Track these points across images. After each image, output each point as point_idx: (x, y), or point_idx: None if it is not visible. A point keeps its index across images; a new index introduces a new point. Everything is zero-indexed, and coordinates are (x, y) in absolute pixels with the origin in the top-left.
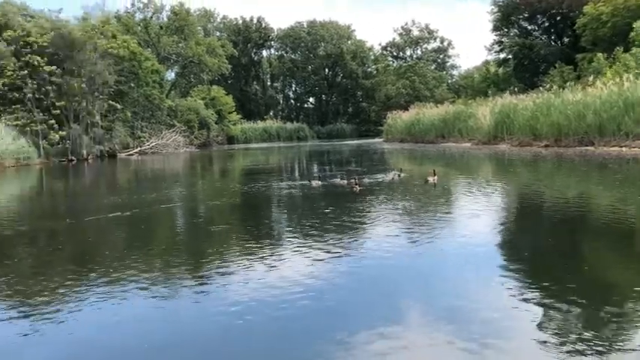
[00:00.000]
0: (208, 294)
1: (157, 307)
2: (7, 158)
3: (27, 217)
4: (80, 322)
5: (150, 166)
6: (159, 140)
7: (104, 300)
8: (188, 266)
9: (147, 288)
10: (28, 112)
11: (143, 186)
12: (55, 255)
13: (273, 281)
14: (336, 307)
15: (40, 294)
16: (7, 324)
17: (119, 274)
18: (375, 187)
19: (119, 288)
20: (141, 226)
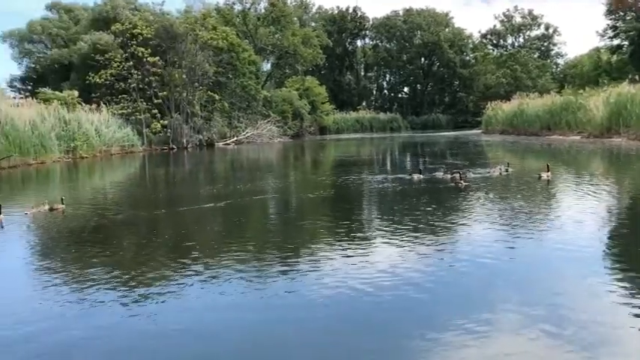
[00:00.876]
0: (299, 282)
1: (250, 294)
2: (113, 145)
3: (126, 205)
4: (181, 305)
5: (245, 156)
6: (254, 130)
7: (203, 285)
8: (280, 257)
9: (241, 276)
10: (133, 102)
11: (238, 176)
12: (154, 243)
13: (361, 274)
14: (422, 307)
15: (144, 278)
16: (114, 304)
17: (215, 263)
18: (481, 182)
19: (215, 275)
20: (234, 218)
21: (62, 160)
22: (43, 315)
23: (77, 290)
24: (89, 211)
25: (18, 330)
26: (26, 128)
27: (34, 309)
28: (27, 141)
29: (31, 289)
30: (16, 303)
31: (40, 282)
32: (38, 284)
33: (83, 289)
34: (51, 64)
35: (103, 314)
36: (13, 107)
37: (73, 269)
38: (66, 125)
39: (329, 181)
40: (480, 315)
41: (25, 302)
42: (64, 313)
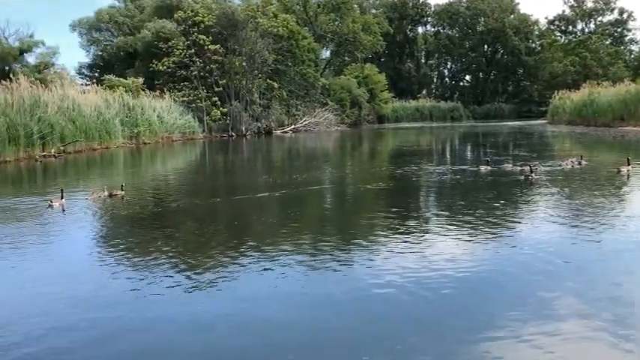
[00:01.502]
0: (354, 271)
1: (305, 285)
2: (175, 132)
3: (183, 192)
4: (236, 294)
5: (302, 144)
6: (312, 118)
7: (257, 276)
8: (337, 249)
9: (296, 267)
10: (194, 90)
11: (294, 165)
12: (208, 233)
13: (415, 266)
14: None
15: (199, 267)
16: (170, 292)
17: (270, 253)
18: (553, 175)
19: (270, 267)
20: (290, 208)
21: (126, 146)
22: (103, 299)
23: (134, 277)
24: (147, 198)
25: (79, 314)
26: (92, 114)
27: (94, 293)
28: (92, 126)
29: (89, 273)
30: (75, 287)
31: (98, 267)
32: (96, 268)
33: (139, 276)
34: (117, 52)
35: (160, 301)
36: (80, 94)
37: (130, 255)
38: (130, 112)
39: (388, 171)
40: (543, 320)
41: (84, 286)
42: (121, 299)
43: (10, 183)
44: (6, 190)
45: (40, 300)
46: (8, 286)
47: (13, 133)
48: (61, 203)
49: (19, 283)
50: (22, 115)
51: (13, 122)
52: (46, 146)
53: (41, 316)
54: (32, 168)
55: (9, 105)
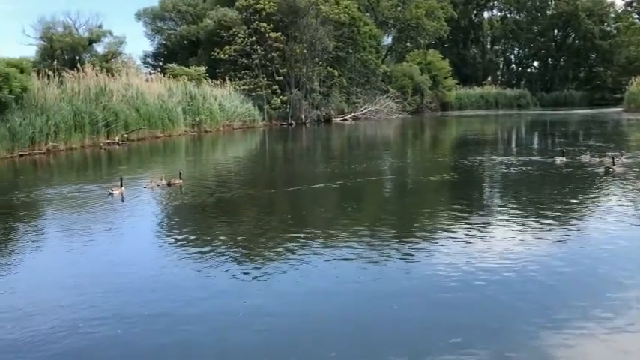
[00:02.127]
0: (413, 262)
1: (363, 278)
2: (235, 120)
3: (240, 182)
4: (302, 277)
5: (362, 133)
6: (372, 106)
7: (314, 267)
8: (395, 241)
9: (352, 260)
10: (255, 78)
11: (353, 154)
12: (260, 225)
13: (474, 260)
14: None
15: (260, 253)
16: (235, 274)
17: (324, 246)
18: (637, 168)
19: (332, 252)
20: (346, 201)
21: (187, 134)
22: (162, 286)
23: (191, 267)
24: (204, 188)
25: (143, 296)
26: (155, 102)
27: (155, 280)
28: (155, 114)
29: (149, 260)
30: (136, 273)
31: (156, 254)
32: (154, 256)
33: (195, 267)
34: (180, 41)
35: (218, 291)
36: (145, 82)
37: (185, 244)
38: (192, 100)
39: (452, 162)
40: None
41: (145, 272)
42: (180, 285)
43: (75, 170)
44: (70, 177)
45: (109, 283)
46: (78, 271)
47: (79, 121)
48: (120, 192)
49: (89, 268)
50: (87, 104)
51: (79, 110)
52: (111, 134)
53: (113, 297)
54: (97, 155)
55: (76, 94)
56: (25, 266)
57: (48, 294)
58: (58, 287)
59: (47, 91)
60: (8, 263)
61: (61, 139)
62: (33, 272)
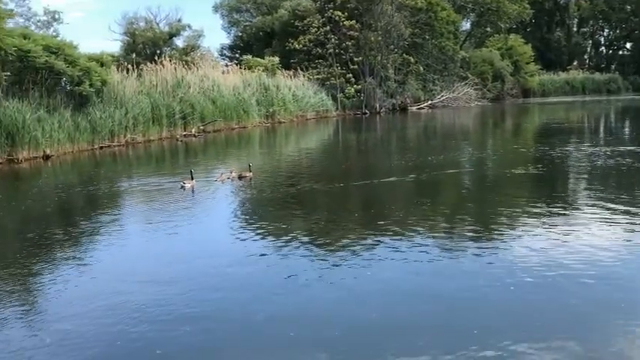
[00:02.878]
0: (491, 256)
1: (437, 263)
2: (309, 110)
3: (309, 175)
4: (372, 277)
5: (439, 121)
6: (450, 93)
7: (389, 262)
8: (471, 239)
9: (428, 247)
10: (329, 67)
11: (430, 145)
12: (332, 217)
13: (556, 255)
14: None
15: (338, 242)
16: (309, 262)
17: (402, 235)
18: None
19: (405, 245)
20: (419, 196)
21: (261, 125)
22: (236, 282)
23: (265, 260)
24: (272, 181)
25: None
26: (230, 94)
27: (224, 273)
28: (231, 106)
29: (221, 254)
30: (209, 266)
31: (225, 249)
32: (222, 251)
33: (268, 262)
34: (255, 32)
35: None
36: (221, 74)
37: (255, 238)
38: (266, 91)
39: (536, 152)
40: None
41: (215, 266)
42: (257, 282)
43: (151, 162)
44: (146, 169)
45: (184, 274)
46: (153, 262)
47: (156, 114)
48: (192, 185)
49: (164, 260)
50: (165, 96)
51: (156, 103)
52: (187, 126)
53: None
54: (173, 147)
55: (153, 86)
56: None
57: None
58: (142, 275)
59: (126, 84)
60: (86, 256)
61: (139, 132)
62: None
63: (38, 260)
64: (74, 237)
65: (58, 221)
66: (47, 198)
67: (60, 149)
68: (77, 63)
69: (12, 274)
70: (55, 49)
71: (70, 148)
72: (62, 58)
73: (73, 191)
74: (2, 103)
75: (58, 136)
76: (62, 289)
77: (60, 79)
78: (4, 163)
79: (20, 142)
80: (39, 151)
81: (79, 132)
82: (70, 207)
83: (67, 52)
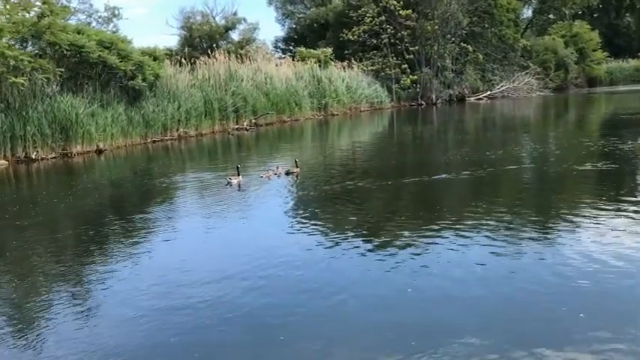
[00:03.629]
0: (550, 254)
1: (495, 260)
2: (363, 102)
3: (357, 172)
4: (427, 261)
5: (498, 113)
6: (510, 83)
7: (448, 249)
8: (531, 230)
9: (488, 243)
10: (383, 58)
11: (487, 138)
12: (375, 219)
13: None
14: None
15: (389, 236)
16: (363, 253)
17: (459, 230)
18: None
19: (461, 241)
20: (470, 199)
21: (314, 117)
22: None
23: (317, 252)
24: (321, 177)
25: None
26: (283, 86)
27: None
28: (283, 99)
29: (271, 250)
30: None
31: (271, 246)
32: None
33: (322, 254)
34: (309, 24)
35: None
36: (274, 67)
37: (305, 235)
38: (318, 83)
39: (604, 147)
40: None
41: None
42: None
43: (202, 156)
44: (196, 163)
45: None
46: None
47: (209, 107)
48: (238, 180)
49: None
50: (217, 90)
51: (209, 96)
52: (240, 119)
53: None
54: (225, 141)
55: (206, 80)
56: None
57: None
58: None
59: (179, 78)
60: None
61: (191, 125)
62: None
63: (95, 254)
64: (128, 231)
65: (112, 216)
66: (101, 192)
67: (113, 143)
68: (130, 57)
69: (70, 267)
70: (108, 44)
71: (123, 142)
72: (115, 53)
73: (127, 185)
74: (57, 98)
75: (111, 130)
76: (124, 282)
77: (114, 74)
78: (59, 157)
79: (74, 137)
80: (92, 146)
81: (132, 126)
82: (124, 201)
83: (120, 47)
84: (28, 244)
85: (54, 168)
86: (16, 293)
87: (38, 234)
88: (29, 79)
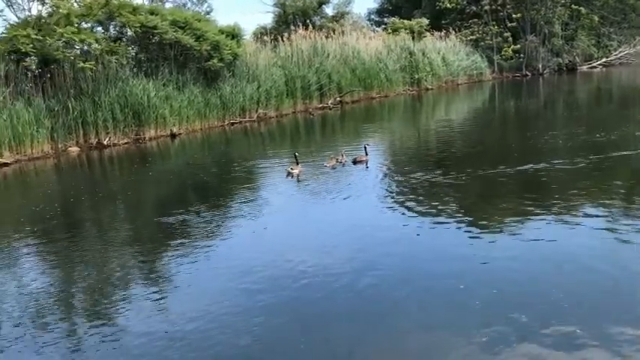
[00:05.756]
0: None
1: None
2: (460, 75)
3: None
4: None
5: (616, 83)
6: (630, 48)
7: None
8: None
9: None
10: (484, 26)
11: (600, 115)
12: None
13: None
14: None
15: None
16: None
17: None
18: None
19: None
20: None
21: (406, 93)
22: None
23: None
24: (391, 167)
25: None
26: (371, 61)
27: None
28: (371, 74)
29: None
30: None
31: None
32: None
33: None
34: None
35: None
36: (362, 40)
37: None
38: (411, 56)
39: None
40: None
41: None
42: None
43: (277, 139)
44: (269, 147)
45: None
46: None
47: (290, 86)
48: (299, 170)
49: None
50: (300, 67)
51: (291, 74)
52: (324, 97)
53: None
54: (307, 121)
55: (288, 57)
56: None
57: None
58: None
59: (260, 56)
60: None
61: (271, 106)
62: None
63: (177, 242)
64: (208, 220)
65: (191, 203)
66: (175, 179)
67: (189, 127)
68: (206, 37)
69: (156, 252)
70: (182, 24)
71: (199, 125)
72: (190, 33)
73: (201, 171)
74: (130, 81)
75: (187, 113)
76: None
77: (190, 55)
78: (131, 143)
79: (146, 121)
80: (166, 130)
81: (208, 108)
82: (203, 186)
83: (196, 27)
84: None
85: (125, 153)
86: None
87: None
88: (102, 64)
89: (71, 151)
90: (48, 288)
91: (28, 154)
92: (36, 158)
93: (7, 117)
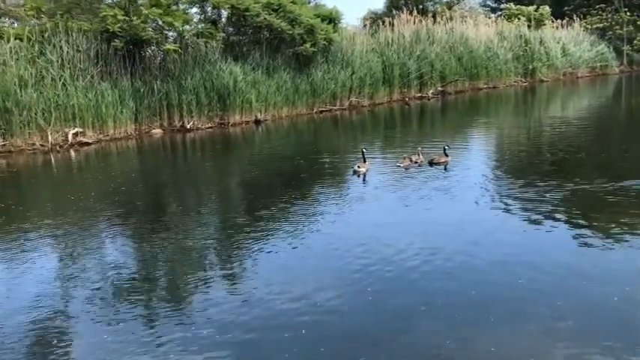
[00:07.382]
0: None
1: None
2: (581, 67)
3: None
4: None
5: None
6: None
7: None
8: None
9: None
10: (614, 13)
11: None
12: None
13: None
14: None
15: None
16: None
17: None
18: None
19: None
20: None
21: (517, 85)
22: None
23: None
24: (475, 173)
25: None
26: (480, 49)
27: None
28: (479, 63)
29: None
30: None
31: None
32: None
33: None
34: None
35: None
36: (471, 27)
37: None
38: (526, 44)
39: None
40: None
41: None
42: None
43: (378, 129)
44: (351, 139)
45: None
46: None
47: (388, 74)
48: (366, 168)
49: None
50: (400, 54)
51: (389, 61)
52: (424, 87)
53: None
54: (402, 111)
55: (388, 44)
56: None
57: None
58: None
59: (356, 42)
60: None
61: (365, 94)
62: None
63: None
64: (290, 211)
65: (274, 192)
66: (255, 167)
67: (276, 113)
68: (300, 21)
69: (241, 241)
70: (276, 7)
71: (287, 112)
72: (284, 16)
73: (287, 162)
74: (217, 65)
75: (274, 99)
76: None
77: (283, 39)
78: (215, 127)
79: (231, 106)
80: (251, 116)
81: (297, 95)
82: (290, 176)
83: (289, 9)
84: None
85: (209, 138)
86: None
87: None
88: (190, 46)
89: (154, 133)
90: (133, 265)
91: (110, 135)
92: (117, 139)
93: (92, 97)
